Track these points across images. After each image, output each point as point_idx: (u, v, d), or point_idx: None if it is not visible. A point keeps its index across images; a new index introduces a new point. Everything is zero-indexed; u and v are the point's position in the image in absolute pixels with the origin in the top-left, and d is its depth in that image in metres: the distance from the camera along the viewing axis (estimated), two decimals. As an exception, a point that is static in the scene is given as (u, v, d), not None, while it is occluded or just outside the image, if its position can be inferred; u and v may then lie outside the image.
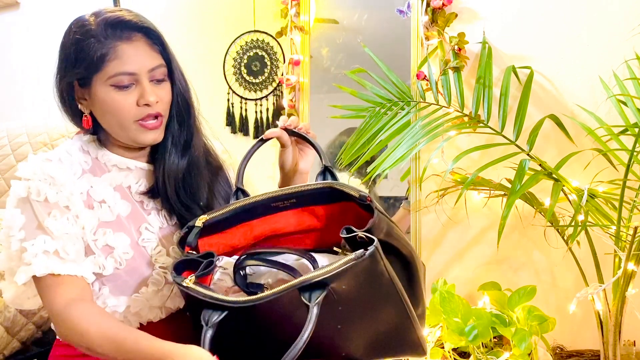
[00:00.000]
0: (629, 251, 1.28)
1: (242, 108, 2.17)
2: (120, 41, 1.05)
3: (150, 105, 1.07)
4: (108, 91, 1.06)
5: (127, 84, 1.06)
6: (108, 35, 1.05)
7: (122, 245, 1.08)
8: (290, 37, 2.00)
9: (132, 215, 1.11)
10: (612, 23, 1.57)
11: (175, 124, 1.13)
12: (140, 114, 1.07)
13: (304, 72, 2.01)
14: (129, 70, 1.05)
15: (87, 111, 1.11)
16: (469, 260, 1.75)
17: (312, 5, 2.00)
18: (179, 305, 1.12)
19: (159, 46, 1.10)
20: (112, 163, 1.14)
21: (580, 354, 1.57)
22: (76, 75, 1.07)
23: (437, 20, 1.72)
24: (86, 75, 1.06)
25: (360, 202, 1.00)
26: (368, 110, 1.73)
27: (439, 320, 1.49)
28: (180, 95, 1.13)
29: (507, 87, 1.60)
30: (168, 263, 1.09)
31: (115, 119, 1.08)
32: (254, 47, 2.16)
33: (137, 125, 1.08)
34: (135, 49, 1.06)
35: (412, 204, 1.77)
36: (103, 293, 1.09)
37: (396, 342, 1.01)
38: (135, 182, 1.14)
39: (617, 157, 1.45)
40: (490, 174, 1.53)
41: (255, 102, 2.15)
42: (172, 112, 1.13)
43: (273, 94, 2.13)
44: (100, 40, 1.04)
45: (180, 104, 1.13)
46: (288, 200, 1.07)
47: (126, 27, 1.06)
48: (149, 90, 1.07)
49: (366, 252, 0.89)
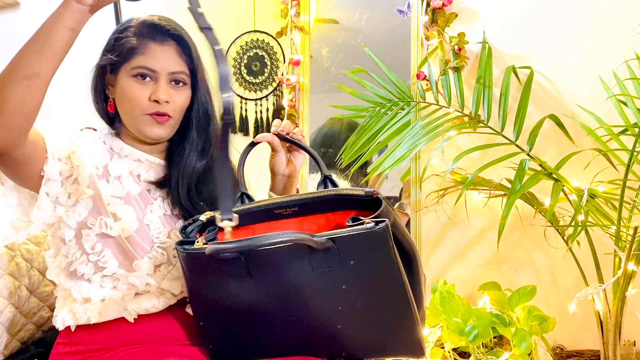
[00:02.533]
0: (629, 251, 1.28)
1: (242, 108, 2.17)
2: (152, 41, 1.16)
3: (159, 102, 1.15)
4: (129, 80, 1.16)
5: (147, 79, 1.15)
6: (144, 34, 1.17)
7: (129, 218, 1.13)
8: (290, 37, 2.00)
9: (140, 195, 1.17)
10: (612, 23, 1.57)
11: (194, 131, 1.22)
12: (149, 109, 1.15)
13: (304, 72, 2.01)
14: (151, 67, 1.15)
15: (112, 96, 1.21)
16: (469, 260, 1.75)
17: (312, 5, 2.00)
18: (175, 291, 1.14)
19: (187, 56, 1.20)
20: (124, 153, 1.21)
21: (580, 354, 1.57)
22: (109, 61, 1.18)
23: (437, 20, 1.72)
24: (117, 62, 1.17)
25: (367, 197, 1.00)
26: (368, 110, 1.73)
27: (439, 320, 1.49)
28: (201, 106, 1.22)
29: (507, 87, 1.60)
30: (168, 244, 1.14)
31: (129, 108, 1.17)
32: (254, 47, 2.16)
33: (146, 117, 1.16)
34: (164, 52, 1.17)
35: (412, 204, 1.77)
36: (105, 254, 1.13)
37: (398, 338, 1.01)
38: (145, 171, 1.20)
39: (617, 157, 1.45)
40: (490, 174, 1.53)
41: (255, 102, 2.15)
42: (191, 120, 1.22)
43: (273, 94, 2.13)
44: (137, 36, 1.17)
45: (201, 113, 1.22)
46: (290, 208, 1.09)
47: (161, 30, 1.18)
48: (162, 89, 1.15)
49: (377, 225, 0.90)
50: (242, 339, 1.04)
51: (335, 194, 1.06)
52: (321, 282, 0.94)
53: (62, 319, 1.16)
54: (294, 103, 2.02)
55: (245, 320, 1.03)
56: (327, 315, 0.96)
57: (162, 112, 1.16)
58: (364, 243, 0.91)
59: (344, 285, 0.93)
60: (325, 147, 2.00)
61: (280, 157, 1.19)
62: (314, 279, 0.94)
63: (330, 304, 0.95)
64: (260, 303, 0.99)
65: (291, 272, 0.94)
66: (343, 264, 0.92)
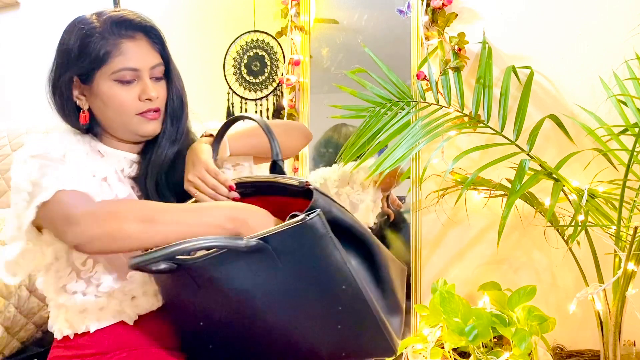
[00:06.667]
0: (629, 251, 1.28)
1: (242, 108, 2.17)
2: (123, 39, 1.10)
3: (152, 100, 1.13)
4: (111, 86, 1.10)
5: (130, 80, 1.11)
6: (113, 33, 1.10)
7: None
8: (290, 37, 2.00)
9: (128, 198, 1.15)
10: (612, 23, 1.57)
11: (169, 120, 1.19)
12: (141, 108, 1.13)
13: (304, 72, 2.01)
14: (132, 67, 1.10)
15: (85, 107, 1.15)
16: (469, 260, 1.75)
17: (312, 5, 2.00)
18: None
19: (159, 45, 1.15)
20: (104, 151, 1.19)
21: (580, 354, 1.57)
22: (79, 70, 1.11)
23: (437, 20, 1.72)
24: (89, 69, 1.10)
25: (300, 188, 0.99)
26: (368, 110, 1.73)
27: (439, 320, 1.49)
28: (176, 94, 1.19)
29: (507, 87, 1.60)
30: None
31: (117, 113, 1.12)
32: (254, 47, 2.16)
33: (139, 117, 1.13)
34: (138, 47, 1.11)
35: (412, 204, 1.77)
36: (97, 270, 1.10)
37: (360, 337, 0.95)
38: (128, 166, 1.18)
39: (617, 157, 1.45)
40: (490, 174, 1.53)
41: (256, 102, 2.15)
42: (167, 109, 1.18)
43: (273, 94, 2.13)
44: (105, 37, 1.09)
45: (175, 101, 1.19)
46: (247, 188, 1.09)
47: (129, 25, 1.11)
48: (150, 86, 1.12)
49: (308, 216, 0.88)
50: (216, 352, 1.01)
51: (273, 181, 1.05)
52: (268, 285, 0.90)
53: (59, 329, 1.13)
54: (294, 103, 2.02)
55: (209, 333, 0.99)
56: (283, 320, 0.92)
57: (154, 108, 1.14)
58: (298, 237, 0.88)
59: (292, 285, 0.89)
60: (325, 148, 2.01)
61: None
62: (259, 283, 0.90)
63: (283, 307, 0.91)
64: (217, 314, 0.95)
65: (234, 279, 0.90)
66: (284, 263, 0.88)
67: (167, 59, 1.17)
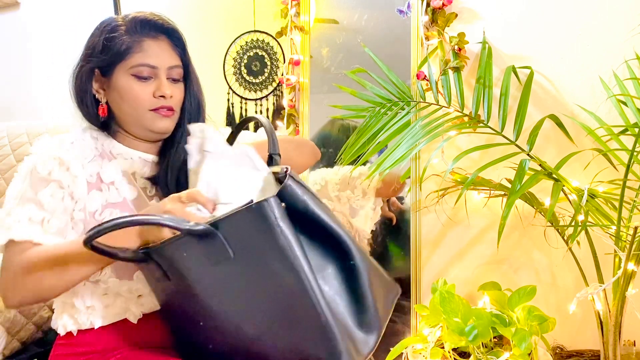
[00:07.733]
0: (629, 251, 1.28)
1: (242, 108, 2.17)
2: (146, 37, 1.16)
3: (165, 97, 1.16)
4: (128, 80, 1.15)
5: (147, 76, 1.15)
6: (136, 31, 1.15)
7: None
8: (290, 37, 2.00)
9: (137, 200, 1.17)
10: (612, 23, 1.57)
11: (186, 122, 1.22)
12: (155, 104, 1.16)
13: (304, 72, 2.01)
14: (151, 64, 1.15)
15: (104, 100, 1.19)
16: (469, 260, 1.75)
17: (312, 5, 2.00)
18: None
19: (180, 49, 1.21)
20: (117, 152, 1.20)
21: (580, 354, 1.57)
22: (100, 62, 1.16)
23: (437, 20, 1.72)
24: (110, 63, 1.15)
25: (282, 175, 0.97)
26: (368, 110, 1.73)
27: (439, 320, 1.49)
28: (193, 97, 1.23)
29: (507, 87, 1.60)
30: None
31: (132, 107, 1.16)
32: (254, 47, 2.16)
33: (152, 113, 1.16)
34: (159, 47, 1.16)
35: (412, 204, 1.77)
36: (106, 272, 1.12)
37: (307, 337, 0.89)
38: (140, 168, 1.21)
39: (617, 157, 1.45)
40: (490, 174, 1.53)
41: (256, 102, 2.15)
42: (184, 111, 1.22)
43: (273, 94, 2.13)
44: (129, 34, 1.15)
45: (192, 104, 1.23)
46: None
47: (153, 26, 1.17)
48: (165, 84, 1.16)
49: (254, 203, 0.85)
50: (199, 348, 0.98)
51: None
52: (225, 277, 0.87)
53: (63, 324, 1.14)
54: (294, 103, 2.02)
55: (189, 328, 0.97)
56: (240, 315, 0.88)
57: (167, 106, 1.17)
58: (246, 224, 0.85)
59: (244, 277, 0.86)
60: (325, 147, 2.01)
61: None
62: (217, 274, 0.88)
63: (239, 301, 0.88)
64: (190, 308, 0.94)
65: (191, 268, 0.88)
66: (235, 252, 0.85)
67: (187, 63, 1.22)
